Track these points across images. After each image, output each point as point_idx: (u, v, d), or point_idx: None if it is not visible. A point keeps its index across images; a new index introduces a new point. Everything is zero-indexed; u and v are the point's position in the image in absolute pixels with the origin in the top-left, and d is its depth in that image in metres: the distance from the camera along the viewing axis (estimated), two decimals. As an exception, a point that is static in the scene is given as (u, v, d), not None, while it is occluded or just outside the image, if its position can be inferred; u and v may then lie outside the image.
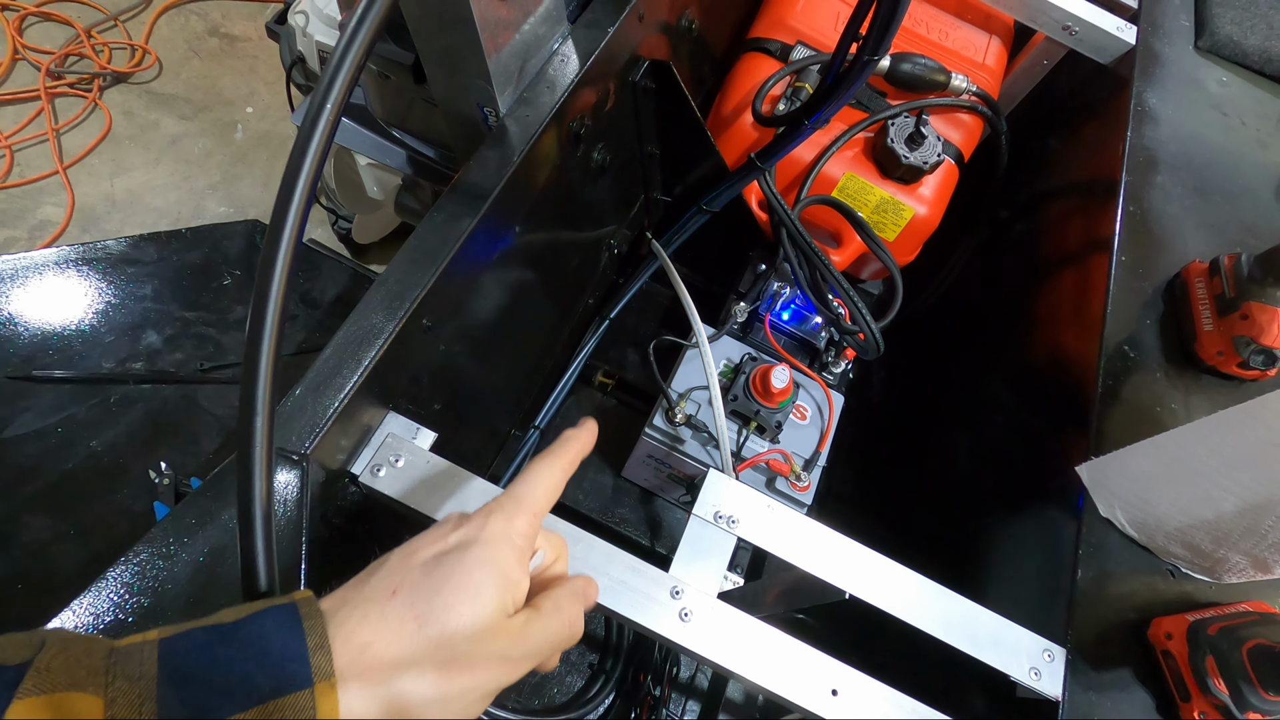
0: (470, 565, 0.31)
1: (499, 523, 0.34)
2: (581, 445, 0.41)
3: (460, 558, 0.31)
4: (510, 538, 0.33)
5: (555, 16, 0.63)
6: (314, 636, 0.26)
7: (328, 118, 0.33)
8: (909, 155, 0.80)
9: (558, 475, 0.38)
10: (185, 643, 0.26)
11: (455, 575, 0.31)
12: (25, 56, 1.71)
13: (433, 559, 0.32)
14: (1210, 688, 0.47)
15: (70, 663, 0.24)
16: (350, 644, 0.27)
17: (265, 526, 0.31)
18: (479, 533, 0.33)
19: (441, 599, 0.30)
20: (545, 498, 0.37)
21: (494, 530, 0.33)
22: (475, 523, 0.34)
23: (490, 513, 0.34)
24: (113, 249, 0.73)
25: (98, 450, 0.64)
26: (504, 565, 0.32)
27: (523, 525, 0.34)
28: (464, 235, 0.52)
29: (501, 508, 0.35)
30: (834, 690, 0.46)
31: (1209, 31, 0.86)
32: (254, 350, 0.32)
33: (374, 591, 0.30)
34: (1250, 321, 0.61)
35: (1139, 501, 0.54)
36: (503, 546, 0.33)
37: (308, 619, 0.27)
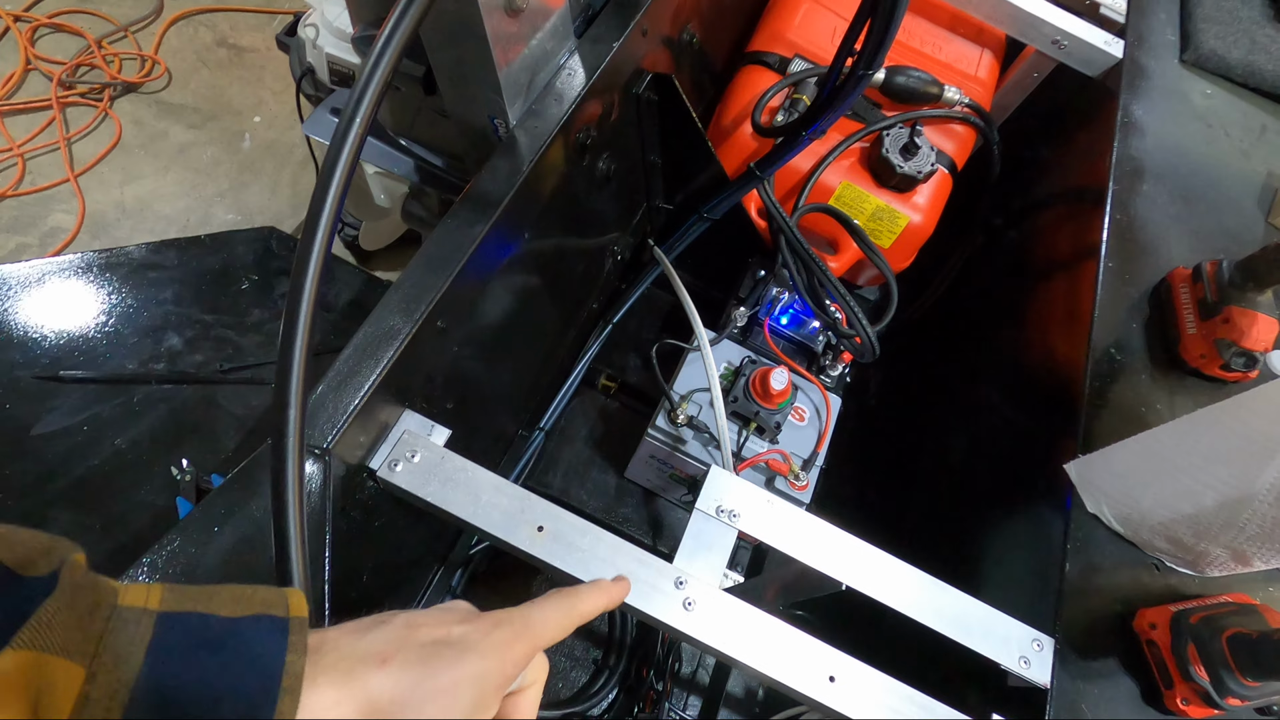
0: (461, 670, 0.32)
1: (501, 639, 0.34)
2: (608, 599, 0.42)
3: (457, 658, 0.32)
4: (506, 657, 0.34)
5: (563, 31, 0.66)
6: (289, 677, 0.27)
7: (356, 132, 0.35)
8: (903, 165, 0.82)
9: (573, 618, 0.39)
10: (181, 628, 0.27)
11: (446, 673, 0.31)
12: (37, 67, 1.74)
13: (431, 645, 0.32)
14: (1192, 675, 0.49)
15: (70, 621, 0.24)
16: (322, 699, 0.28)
17: (298, 511, 0.33)
18: (481, 639, 0.33)
19: (424, 689, 0.30)
20: (552, 633, 0.37)
21: (494, 643, 0.33)
22: (482, 627, 0.34)
23: (498, 624, 0.34)
24: (134, 255, 0.76)
25: (122, 448, 0.66)
26: (486, 685, 0.33)
27: (521, 653, 0.35)
28: (476, 241, 0.54)
29: (510, 624, 0.35)
30: (831, 677, 0.48)
31: (1194, 45, 0.88)
32: (288, 348, 0.34)
33: (367, 652, 0.31)
34: (1231, 325, 0.63)
35: (1124, 497, 0.56)
36: (493, 665, 0.33)
37: (290, 651, 0.27)
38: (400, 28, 0.36)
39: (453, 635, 0.33)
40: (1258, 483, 0.47)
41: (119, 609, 0.26)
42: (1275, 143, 0.84)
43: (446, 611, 0.34)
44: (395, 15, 0.36)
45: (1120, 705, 0.51)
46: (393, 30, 0.36)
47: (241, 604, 0.28)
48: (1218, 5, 0.92)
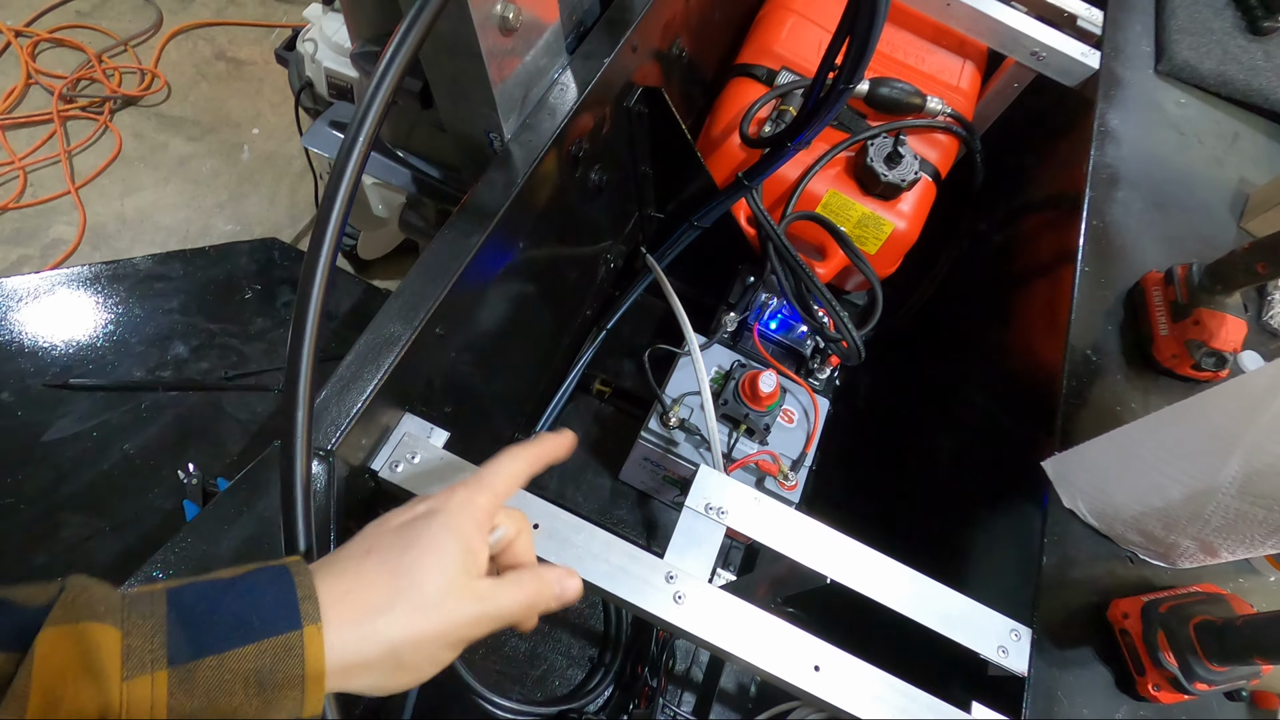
0: (435, 529, 0.36)
1: (461, 496, 0.38)
2: (553, 446, 0.46)
3: (427, 523, 0.36)
4: (470, 510, 0.37)
5: (555, 48, 0.68)
6: (303, 589, 0.30)
7: (360, 149, 0.37)
8: (888, 173, 0.85)
9: (521, 465, 0.43)
10: (190, 590, 0.29)
11: (422, 537, 0.35)
12: (38, 81, 1.76)
13: (402, 525, 0.36)
14: (1162, 661, 0.51)
15: (91, 600, 0.27)
16: (332, 592, 0.31)
17: (305, 505, 0.35)
18: (443, 504, 0.37)
19: (410, 555, 0.34)
20: (506, 481, 0.41)
21: (456, 502, 0.37)
22: (441, 496, 0.38)
23: (454, 489, 0.39)
24: (141, 266, 0.78)
25: (130, 453, 0.68)
26: (464, 532, 0.36)
27: (484, 501, 0.38)
28: (474, 250, 0.56)
29: (466, 485, 0.39)
30: (816, 666, 0.50)
31: (1168, 56, 0.91)
32: (296, 352, 0.36)
33: (351, 551, 0.35)
34: (1201, 326, 0.66)
35: (1098, 492, 0.58)
36: (463, 516, 0.37)
37: (297, 575, 0.31)
38: (404, 46, 0.38)
39: (418, 511, 0.37)
40: (1220, 476, 0.50)
41: (127, 594, 0.29)
42: (1247, 150, 0.87)
43: (408, 504, 0.38)
44: (399, 34, 0.39)
45: (1095, 692, 0.53)
46: (397, 48, 0.38)
47: (239, 570, 0.32)
48: (1191, 17, 0.95)
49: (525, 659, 0.80)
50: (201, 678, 0.27)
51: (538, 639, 0.81)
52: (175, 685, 0.26)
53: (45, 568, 0.61)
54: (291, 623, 0.29)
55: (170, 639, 0.27)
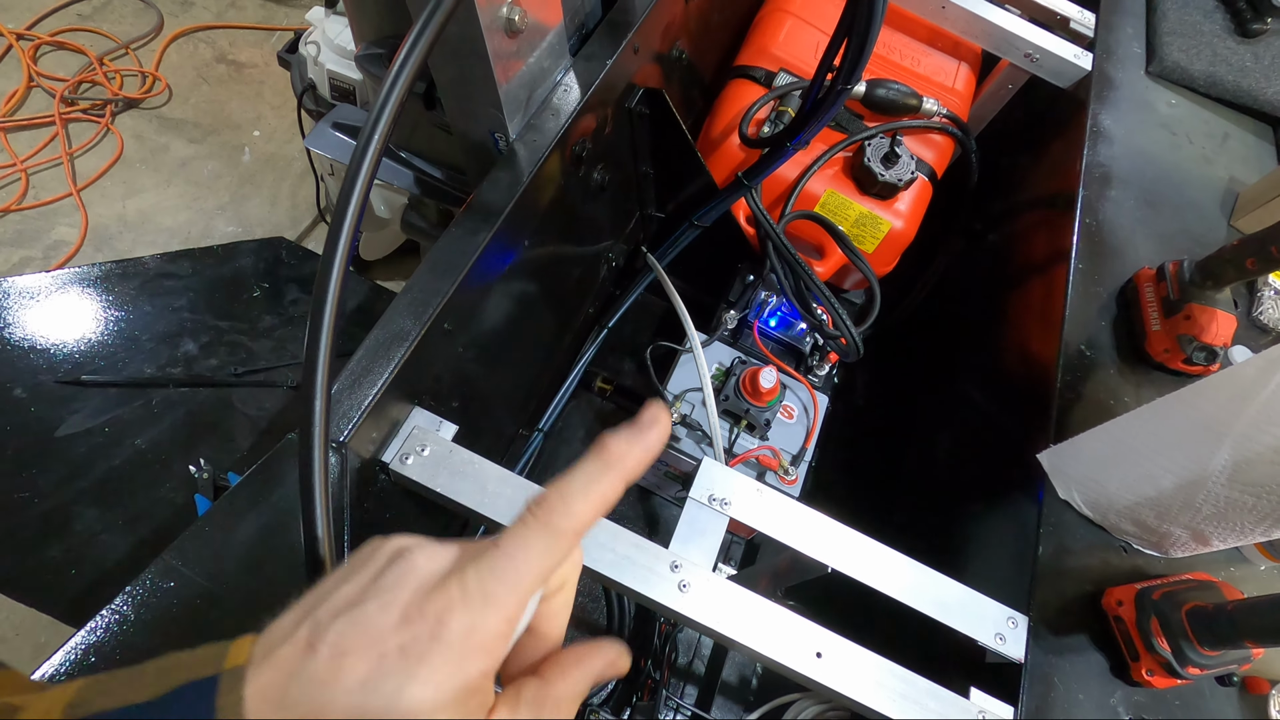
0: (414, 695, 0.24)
1: (460, 630, 0.25)
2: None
3: (401, 687, 0.24)
4: (471, 656, 0.25)
5: (558, 50, 0.69)
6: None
7: (375, 147, 0.38)
8: (885, 173, 0.86)
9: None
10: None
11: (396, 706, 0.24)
12: (40, 84, 1.77)
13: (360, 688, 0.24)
14: (1155, 647, 0.52)
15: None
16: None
17: (323, 493, 0.36)
18: (439, 631, 0.24)
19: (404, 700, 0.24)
20: (532, 585, 0.26)
21: (451, 647, 0.24)
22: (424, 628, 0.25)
23: (451, 607, 0.25)
24: (150, 265, 0.79)
25: (142, 448, 0.69)
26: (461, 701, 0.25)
27: (496, 626, 0.25)
28: (480, 248, 0.58)
29: (469, 600, 0.25)
30: (818, 653, 0.51)
31: (1159, 58, 0.93)
32: (314, 342, 0.37)
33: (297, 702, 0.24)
34: (1192, 321, 0.67)
35: (1092, 483, 0.60)
36: (456, 677, 0.25)
37: (223, 694, 0.24)
38: (418, 48, 0.39)
39: (386, 664, 0.24)
40: (1210, 465, 0.51)
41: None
42: (1236, 149, 0.89)
43: (384, 605, 0.25)
44: (412, 37, 0.40)
45: (1090, 678, 0.55)
46: (410, 50, 0.39)
47: (163, 679, 0.25)
48: (1181, 19, 0.97)
49: (529, 653, 0.81)
50: None
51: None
52: None
53: (58, 561, 0.62)
54: None
55: None
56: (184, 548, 0.42)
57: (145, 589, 0.40)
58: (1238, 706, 0.56)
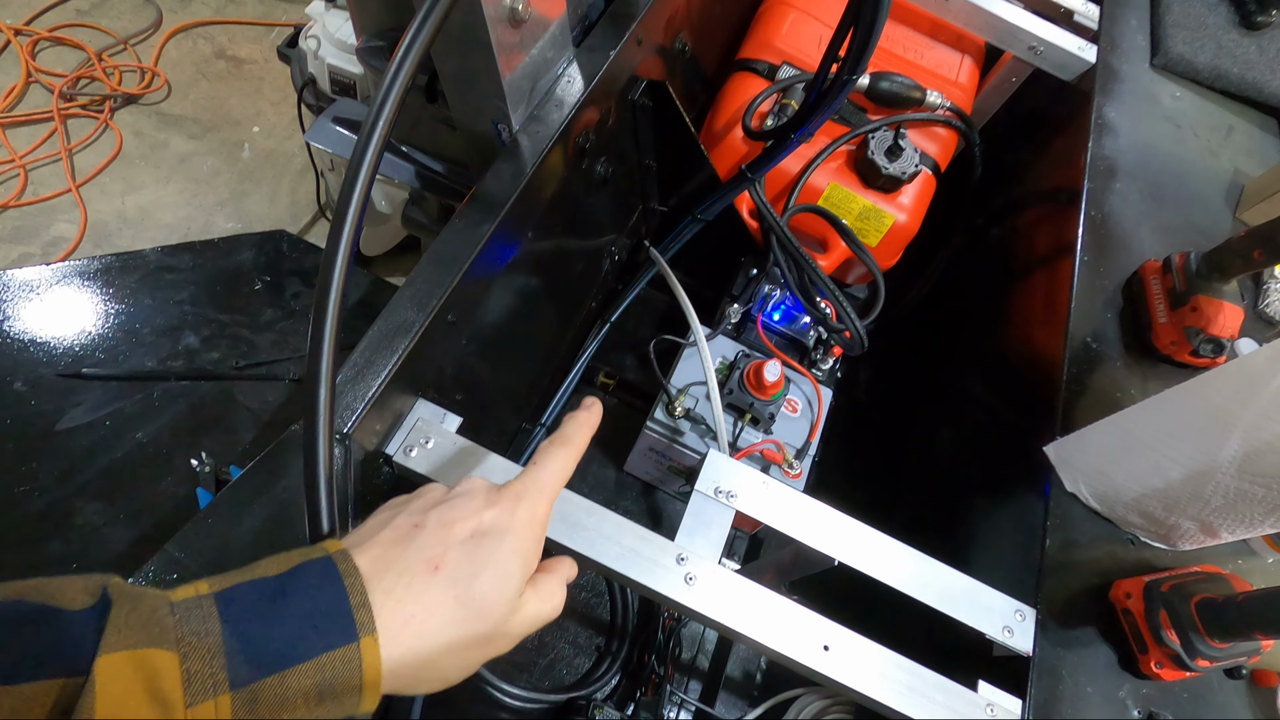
0: (506, 554, 0.35)
1: (527, 510, 0.37)
2: (589, 429, 0.45)
3: (498, 545, 0.35)
4: (535, 528, 0.37)
5: (562, 41, 0.69)
6: (355, 595, 0.30)
7: (379, 136, 0.38)
8: (888, 166, 0.86)
9: (570, 461, 0.42)
10: (238, 600, 0.28)
11: (492, 563, 0.34)
12: (39, 80, 1.76)
13: (470, 539, 0.34)
14: (1164, 639, 0.52)
15: (143, 619, 0.26)
16: (396, 615, 0.31)
17: (328, 484, 0.36)
18: (510, 519, 0.36)
19: (479, 583, 0.33)
20: (560, 482, 0.41)
21: (523, 518, 0.36)
22: (506, 506, 0.37)
23: (519, 498, 0.37)
24: (151, 258, 0.78)
25: (143, 441, 0.69)
26: (530, 553, 0.36)
27: (544, 512, 0.38)
28: (483, 240, 0.57)
29: (527, 493, 0.38)
30: (826, 646, 0.51)
31: (1163, 50, 0.93)
32: (318, 334, 0.37)
33: (415, 562, 0.33)
34: (1199, 313, 0.67)
35: (1099, 475, 0.59)
36: (529, 536, 0.36)
37: (346, 576, 0.30)
38: (421, 35, 0.39)
39: (485, 522, 0.35)
40: (1219, 456, 0.51)
41: (175, 604, 0.28)
42: (1241, 142, 0.89)
43: (469, 498, 0.37)
44: (415, 25, 0.39)
45: (1099, 670, 0.54)
46: (414, 38, 0.39)
47: (281, 564, 0.30)
48: (1186, 12, 0.96)
49: (533, 647, 0.80)
50: (264, 697, 0.27)
51: (545, 628, 0.81)
52: (239, 707, 0.26)
53: (59, 555, 0.62)
54: (349, 635, 0.29)
55: (229, 661, 0.26)
56: (186, 539, 0.42)
57: (147, 581, 0.40)
58: (1246, 699, 0.56)
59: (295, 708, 0.27)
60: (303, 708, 0.28)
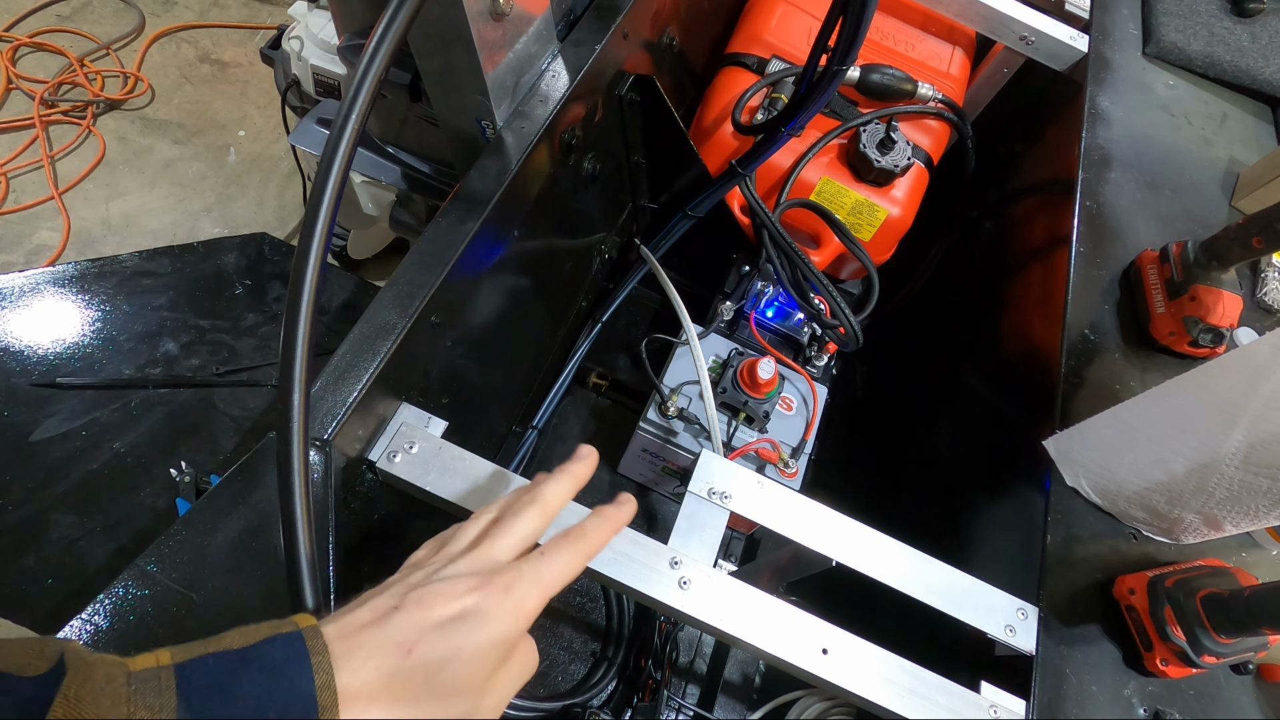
0: (483, 642, 0.32)
1: (514, 602, 0.34)
2: (613, 528, 0.42)
3: (475, 631, 0.32)
4: (519, 618, 0.34)
5: (546, 36, 0.67)
6: (321, 675, 0.28)
7: (351, 132, 0.37)
8: (880, 159, 0.85)
9: (580, 562, 0.39)
10: (200, 674, 0.27)
11: (467, 648, 0.32)
12: (19, 86, 1.74)
13: (448, 622, 0.32)
14: (1169, 635, 0.51)
15: (95, 691, 0.25)
16: (361, 698, 0.29)
17: (303, 491, 0.34)
18: (494, 607, 0.33)
19: (451, 669, 0.31)
20: (562, 582, 0.37)
21: (508, 609, 0.34)
22: (491, 593, 0.34)
23: (509, 588, 0.34)
24: (128, 263, 0.77)
25: (121, 451, 0.67)
26: (510, 642, 0.34)
27: (533, 608, 0.35)
28: (468, 238, 0.56)
29: (519, 583, 0.35)
30: (824, 649, 0.50)
31: (1155, 39, 0.92)
32: (290, 336, 0.35)
33: (387, 644, 0.31)
34: (1198, 303, 0.66)
35: (1100, 469, 0.58)
36: (512, 626, 0.34)
37: (314, 654, 0.29)
38: (393, 27, 0.38)
39: (467, 608, 0.33)
40: (1223, 448, 0.49)
41: (133, 674, 0.26)
42: (1235, 130, 0.88)
43: (453, 581, 0.34)
44: (386, 18, 0.38)
45: (1103, 668, 0.53)
46: (390, 21, 0.37)
47: (249, 636, 0.29)
48: (1177, 0, 0.95)
49: (527, 654, 0.79)
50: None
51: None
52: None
53: (35, 570, 0.60)
54: (311, 714, 0.27)
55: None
56: (160, 552, 0.40)
57: (118, 597, 0.38)
58: (1254, 694, 0.55)
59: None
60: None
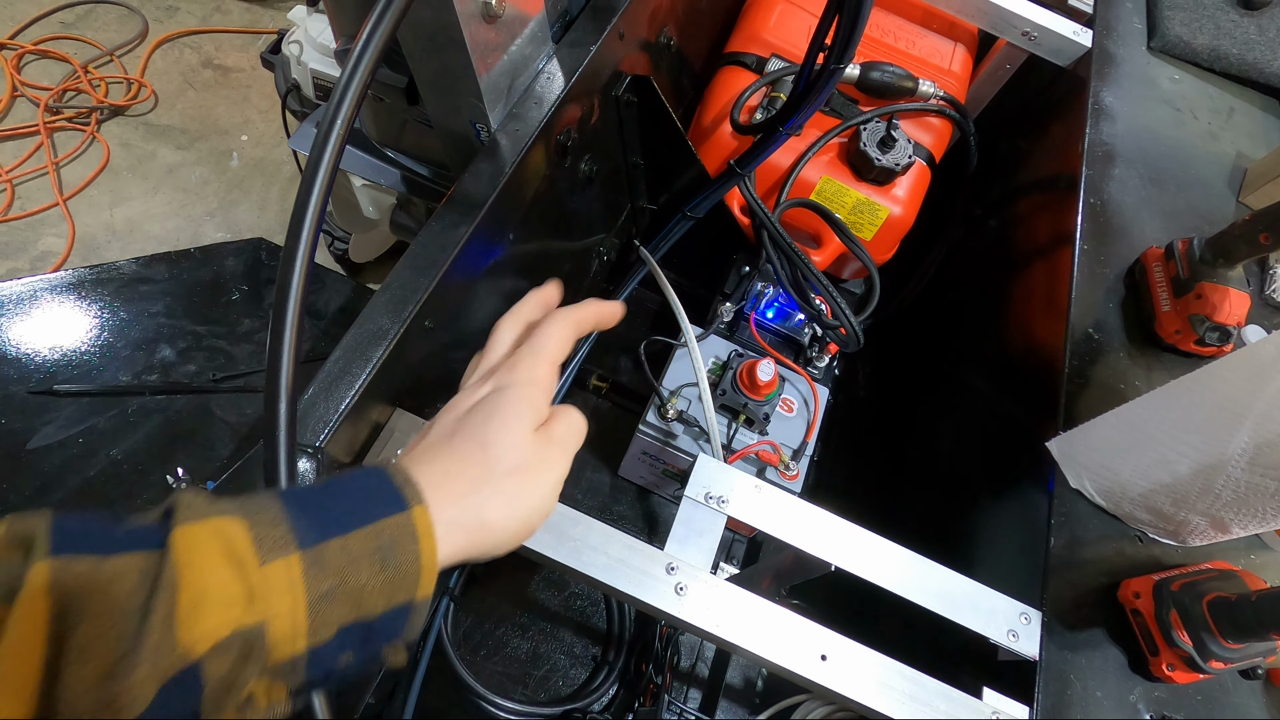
0: (511, 401, 0.38)
1: (524, 371, 0.40)
2: (598, 310, 0.46)
3: (500, 397, 0.38)
4: (535, 383, 0.40)
5: (540, 37, 0.67)
6: (399, 476, 0.33)
7: (339, 131, 0.36)
8: (881, 158, 0.84)
9: (570, 329, 0.43)
10: (295, 490, 0.32)
11: (500, 409, 0.38)
12: (24, 93, 1.75)
13: (477, 403, 0.39)
14: (1176, 640, 0.50)
15: (208, 500, 0.28)
16: (432, 475, 0.34)
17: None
18: (510, 379, 0.39)
19: (493, 426, 0.37)
20: (560, 348, 0.42)
21: (521, 377, 0.40)
22: (502, 372, 0.40)
23: (514, 365, 0.40)
24: (125, 269, 0.77)
25: (117, 458, 0.67)
26: (534, 401, 0.39)
27: (544, 373, 0.41)
28: (461, 242, 0.55)
29: (522, 358, 0.41)
30: (823, 656, 0.49)
31: (1160, 32, 0.91)
32: (277, 342, 0.35)
33: (436, 439, 0.37)
34: (1204, 300, 0.65)
35: (1104, 471, 0.57)
36: (531, 389, 0.39)
37: (389, 468, 0.33)
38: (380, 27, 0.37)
39: (486, 389, 0.39)
40: (1229, 448, 0.49)
41: (237, 497, 0.30)
42: (1243, 124, 0.86)
43: (469, 388, 0.41)
44: (372, 19, 0.38)
45: (1108, 674, 0.52)
46: (372, 30, 0.37)
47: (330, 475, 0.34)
48: (1182, -7, 0.94)
49: (527, 659, 0.78)
50: (331, 557, 0.29)
51: (540, 638, 0.80)
52: (309, 565, 0.28)
53: (32, 577, 0.60)
54: (399, 505, 0.31)
55: (294, 526, 0.28)
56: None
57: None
58: (1263, 700, 0.54)
59: (360, 569, 0.29)
60: (367, 570, 0.29)
